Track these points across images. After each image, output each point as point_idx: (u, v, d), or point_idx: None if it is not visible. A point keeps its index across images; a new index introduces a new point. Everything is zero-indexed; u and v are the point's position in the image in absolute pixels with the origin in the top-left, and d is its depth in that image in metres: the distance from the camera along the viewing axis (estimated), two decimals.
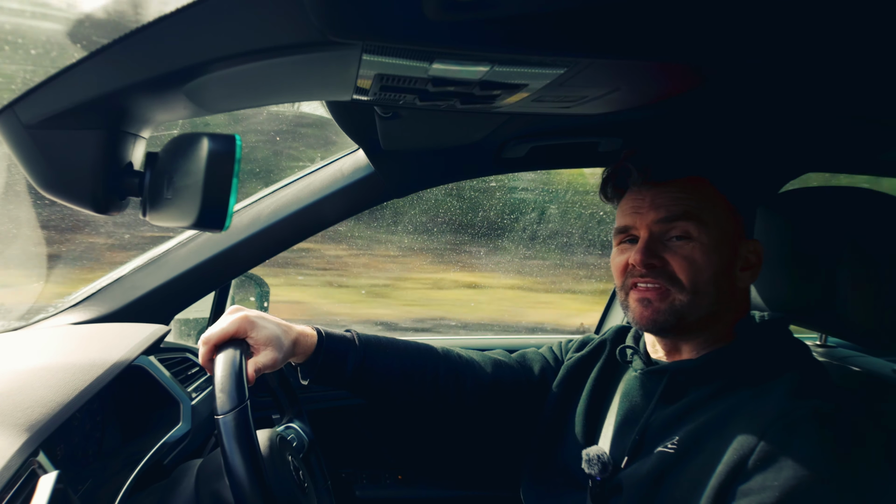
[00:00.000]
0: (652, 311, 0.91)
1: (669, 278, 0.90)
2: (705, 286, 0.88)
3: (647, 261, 0.90)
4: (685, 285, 0.89)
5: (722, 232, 0.90)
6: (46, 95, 0.58)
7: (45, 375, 0.86)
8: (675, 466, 0.83)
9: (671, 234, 0.90)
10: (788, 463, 0.73)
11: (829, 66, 0.72)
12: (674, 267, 0.89)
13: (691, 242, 0.89)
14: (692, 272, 0.88)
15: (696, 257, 0.88)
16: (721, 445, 0.80)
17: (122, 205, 0.67)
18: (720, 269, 0.89)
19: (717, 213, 0.90)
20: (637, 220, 0.93)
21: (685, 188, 0.91)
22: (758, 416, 0.79)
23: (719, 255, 0.89)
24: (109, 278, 1.35)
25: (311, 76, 0.70)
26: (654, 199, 0.92)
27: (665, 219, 0.90)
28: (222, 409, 0.77)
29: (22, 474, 0.68)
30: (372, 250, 3.59)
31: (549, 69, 0.67)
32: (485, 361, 1.16)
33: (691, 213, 0.89)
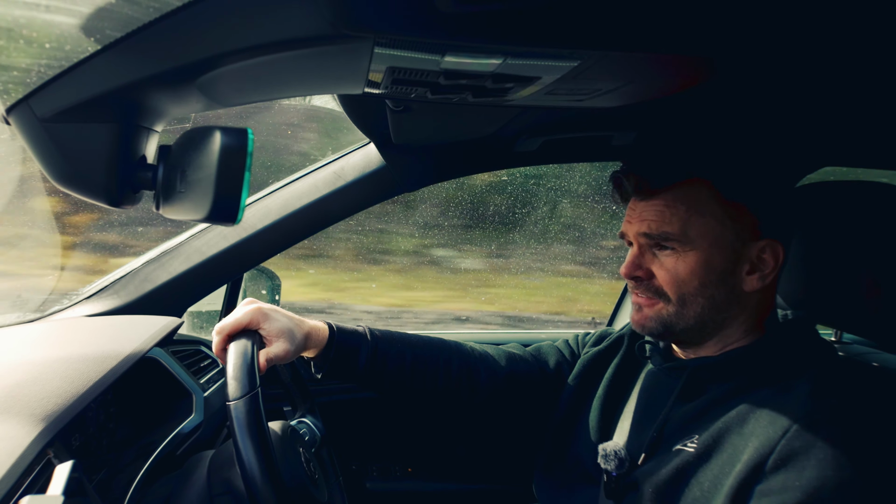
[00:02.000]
0: (641, 317, 0.94)
1: (656, 291, 0.91)
2: (693, 298, 0.89)
3: (631, 273, 0.93)
4: (671, 298, 0.90)
5: (714, 241, 0.88)
6: (61, 89, 0.59)
7: (61, 367, 0.87)
8: (694, 465, 0.82)
9: (658, 245, 0.91)
10: (811, 463, 0.72)
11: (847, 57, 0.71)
12: (659, 279, 0.91)
13: (676, 254, 0.89)
14: (676, 285, 0.89)
15: (680, 270, 0.88)
16: (741, 444, 0.79)
17: (136, 198, 0.67)
18: (711, 279, 0.88)
19: (707, 221, 0.88)
20: (628, 230, 0.95)
21: (672, 200, 0.89)
22: (779, 416, 0.77)
23: (708, 265, 0.88)
24: (123, 271, 1.36)
25: (323, 69, 0.70)
26: (643, 211, 0.92)
27: (649, 234, 0.91)
28: (233, 396, 0.78)
29: (38, 463, 0.69)
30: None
31: (563, 62, 0.66)
32: (498, 355, 1.15)
33: (673, 229, 0.88)
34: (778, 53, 0.67)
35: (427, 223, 3.77)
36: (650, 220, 0.90)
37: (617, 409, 1.03)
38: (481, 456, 1.78)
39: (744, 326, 0.92)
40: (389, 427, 1.76)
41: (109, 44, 0.56)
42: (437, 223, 3.76)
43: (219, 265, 1.35)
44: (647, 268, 0.92)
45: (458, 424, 1.77)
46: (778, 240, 0.89)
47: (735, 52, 0.65)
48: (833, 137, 1.16)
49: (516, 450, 1.76)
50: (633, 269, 0.92)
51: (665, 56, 0.66)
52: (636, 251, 0.93)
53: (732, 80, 0.82)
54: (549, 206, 3.71)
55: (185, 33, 0.57)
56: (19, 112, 0.60)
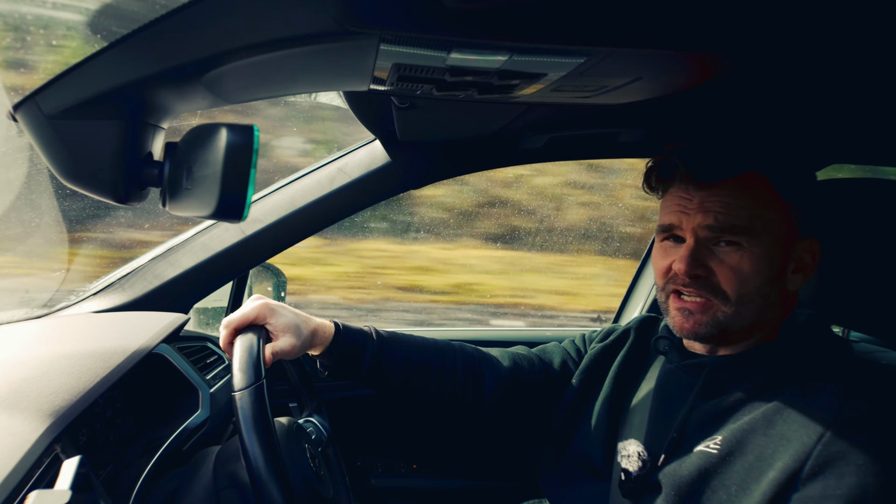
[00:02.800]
0: (693, 323, 0.87)
1: (713, 290, 0.85)
2: (751, 297, 0.84)
3: (692, 272, 0.85)
4: (730, 297, 0.84)
5: (775, 237, 0.84)
6: (67, 86, 0.59)
7: (68, 363, 0.87)
8: (718, 467, 0.80)
9: (719, 240, 0.85)
10: (851, 469, 0.70)
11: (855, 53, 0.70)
12: (719, 278, 0.84)
13: (740, 251, 0.83)
14: (739, 284, 0.83)
15: (745, 268, 0.83)
16: (769, 447, 0.77)
17: (142, 195, 0.68)
18: (770, 278, 0.84)
19: (770, 217, 0.84)
20: (683, 221, 0.87)
21: (738, 192, 0.84)
22: (810, 420, 0.75)
23: (770, 262, 0.84)
24: (130, 267, 1.37)
25: (329, 66, 0.70)
26: (704, 201, 0.85)
27: (713, 227, 0.84)
28: (239, 386, 0.79)
29: (46, 458, 0.69)
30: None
31: (569, 58, 0.66)
32: (503, 357, 1.15)
33: (742, 222, 0.83)
34: (787, 50, 0.67)
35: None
36: (716, 210, 0.84)
37: (625, 403, 1.02)
38: (486, 452, 1.78)
39: (773, 325, 0.89)
40: (395, 423, 1.77)
41: (116, 41, 0.57)
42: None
43: (225, 262, 1.35)
44: (706, 264, 0.85)
45: (464, 421, 1.77)
46: (816, 238, 0.87)
47: (744, 48, 0.65)
48: (840, 134, 1.15)
49: (522, 446, 1.76)
50: (693, 266, 0.84)
51: (673, 52, 0.66)
52: (693, 245, 0.85)
53: (741, 77, 0.81)
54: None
55: (191, 30, 0.57)
56: (26, 109, 0.60)
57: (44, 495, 0.56)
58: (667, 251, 0.91)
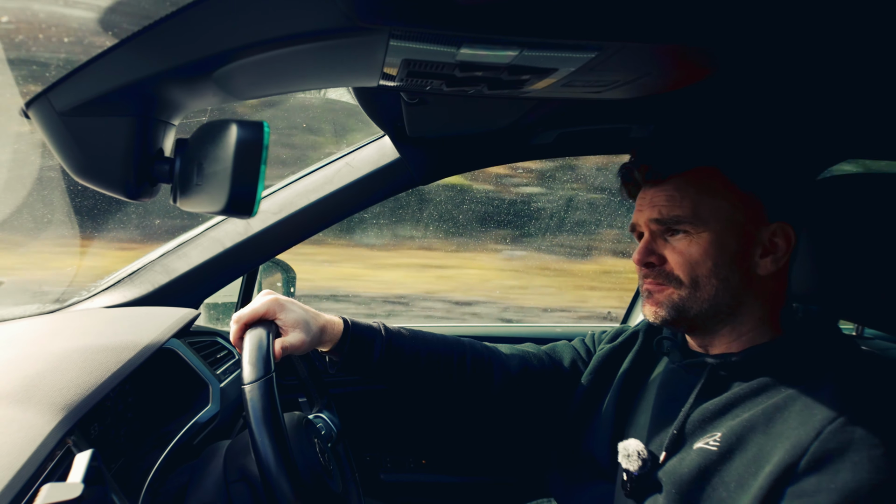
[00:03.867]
0: (654, 306, 0.93)
1: (667, 276, 0.91)
2: (706, 280, 0.88)
3: (643, 259, 0.93)
4: (683, 281, 0.90)
5: (727, 223, 0.88)
6: (79, 83, 0.59)
7: (80, 357, 0.88)
8: (717, 464, 0.81)
9: (668, 230, 0.91)
10: (846, 465, 0.71)
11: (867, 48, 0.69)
12: (671, 263, 0.91)
13: (689, 237, 0.89)
14: (689, 267, 0.89)
15: (693, 252, 0.89)
16: (768, 444, 0.78)
17: (153, 191, 0.68)
18: (725, 261, 0.88)
19: (719, 206, 0.88)
20: (639, 219, 0.95)
21: (682, 185, 0.90)
22: (809, 417, 0.76)
23: (721, 247, 0.88)
24: (140, 263, 1.38)
25: (338, 62, 0.70)
26: (653, 197, 0.93)
27: (658, 220, 0.91)
28: (248, 380, 0.80)
29: (58, 452, 0.70)
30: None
31: (580, 53, 0.65)
32: (512, 353, 1.15)
33: (684, 213, 0.89)
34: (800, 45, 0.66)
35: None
36: (661, 205, 0.91)
37: (632, 405, 1.02)
38: (495, 449, 1.78)
39: (758, 315, 0.90)
40: (404, 419, 1.77)
41: (127, 38, 0.57)
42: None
43: (235, 257, 1.36)
44: (659, 253, 0.92)
45: (472, 417, 1.77)
46: (789, 223, 0.89)
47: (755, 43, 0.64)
48: (854, 130, 1.14)
49: (530, 444, 1.76)
50: (645, 255, 0.93)
51: (684, 47, 0.65)
52: (648, 238, 0.94)
53: (752, 71, 0.80)
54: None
55: (201, 27, 0.58)
56: (38, 106, 0.60)
57: (56, 488, 0.56)
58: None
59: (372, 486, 1.73)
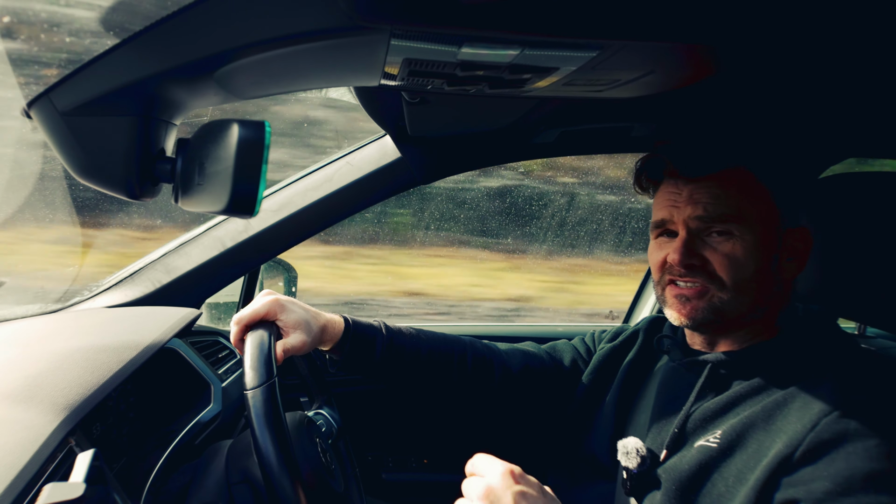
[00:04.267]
0: (690, 309, 0.88)
1: (709, 276, 0.87)
2: (748, 283, 0.86)
3: (686, 261, 0.87)
4: (726, 283, 0.86)
5: (765, 225, 0.86)
6: (81, 83, 0.59)
7: (82, 357, 0.88)
8: (717, 460, 0.81)
9: (711, 230, 0.87)
10: (841, 455, 0.71)
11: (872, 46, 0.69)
12: (714, 265, 0.86)
13: (732, 239, 0.85)
14: (734, 270, 0.85)
15: (739, 255, 0.85)
16: (767, 439, 0.78)
17: (155, 190, 0.68)
18: (764, 265, 0.86)
19: (759, 207, 0.86)
20: (674, 215, 0.90)
21: (725, 183, 0.86)
22: (807, 410, 0.76)
23: (763, 249, 0.86)
24: (142, 262, 1.38)
25: (340, 62, 0.70)
26: (693, 193, 0.88)
27: (704, 217, 0.87)
28: (251, 385, 0.79)
29: (60, 451, 0.70)
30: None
31: (582, 52, 0.65)
32: (513, 352, 1.15)
33: (731, 211, 0.85)
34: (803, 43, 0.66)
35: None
36: (705, 202, 0.86)
37: (632, 403, 1.02)
38: (496, 448, 1.78)
39: (769, 318, 0.90)
40: (406, 419, 1.77)
41: (129, 38, 0.57)
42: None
43: (236, 257, 1.36)
44: (700, 254, 0.87)
45: (474, 417, 1.77)
46: (807, 228, 0.88)
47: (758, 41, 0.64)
48: (856, 128, 1.13)
49: (531, 443, 1.76)
50: (688, 256, 0.87)
51: (687, 45, 0.65)
52: (685, 236, 0.88)
53: (757, 70, 0.80)
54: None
55: (202, 26, 0.57)
56: (40, 106, 0.60)
57: (58, 488, 0.56)
58: (661, 246, 0.94)
59: (374, 485, 1.73)
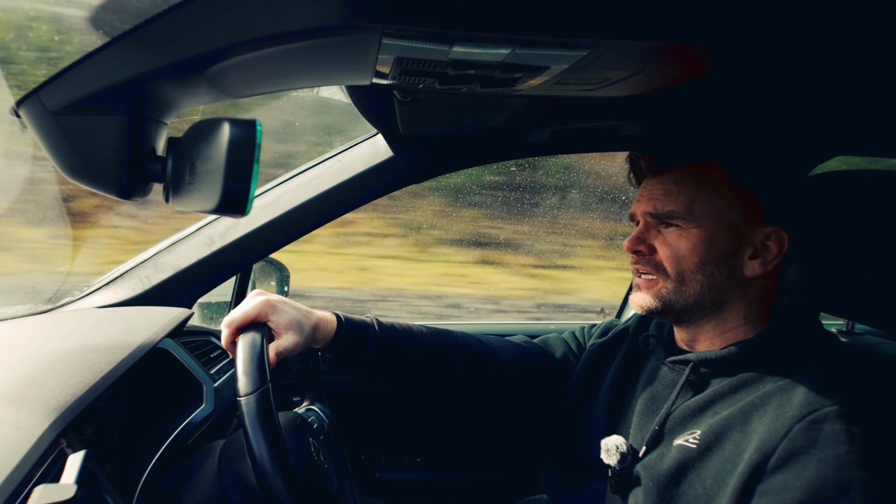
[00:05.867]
0: (642, 297, 0.94)
1: (656, 266, 0.92)
2: (692, 274, 0.89)
3: (632, 247, 0.94)
4: (670, 273, 0.91)
5: (719, 221, 0.88)
6: (70, 81, 0.59)
7: (72, 358, 0.88)
8: (696, 461, 0.82)
9: (661, 223, 0.92)
10: (812, 463, 0.71)
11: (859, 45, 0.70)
12: (660, 255, 0.92)
13: (679, 231, 0.90)
14: (676, 261, 0.90)
15: (682, 246, 0.89)
16: (744, 442, 0.78)
17: (146, 190, 0.68)
18: (711, 258, 0.88)
19: (714, 200, 0.88)
20: (636, 209, 0.96)
21: (681, 179, 0.90)
22: (782, 413, 0.77)
23: (710, 244, 0.88)
24: (133, 262, 1.37)
25: (331, 60, 0.70)
26: (652, 189, 0.93)
27: (652, 214, 0.92)
28: (244, 392, 0.78)
29: (51, 453, 0.70)
30: None
31: (573, 51, 0.65)
32: (505, 346, 1.16)
33: (679, 209, 0.89)
34: (790, 42, 0.66)
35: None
36: (657, 198, 0.91)
37: (622, 401, 1.03)
38: (489, 446, 1.78)
39: (742, 314, 0.91)
40: (399, 417, 1.77)
41: (118, 36, 0.56)
42: None
43: (228, 256, 1.35)
44: (649, 243, 0.93)
45: (466, 415, 1.78)
46: (784, 228, 0.89)
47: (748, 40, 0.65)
48: (844, 126, 1.14)
49: (524, 441, 1.76)
50: (635, 243, 0.94)
51: (676, 45, 0.65)
52: (641, 227, 0.95)
53: (744, 69, 0.81)
54: None
55: (193, 25, 0.57)
56: (29, 105, 0.60)
57: (50, 489, 0.56)
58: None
59: (367, 484, 1.73)
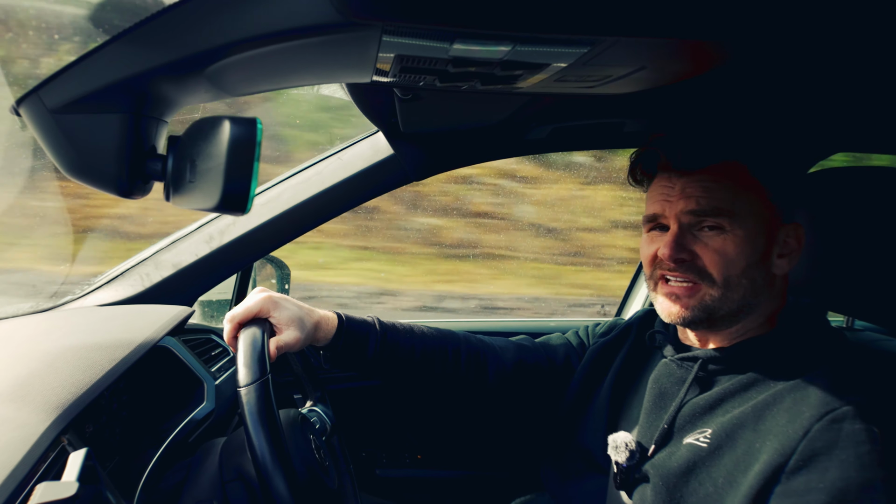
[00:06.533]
0: (681, 307, 0.88)
1: (699, 273, 0.86)
2: (738, 279, 0.85)
3: (676, 256, 0.86)
4: (716, 280, 0.85)
5: (757, 220, 0.85)
6: (70, 80, 0.59)
7: (74, 356, 0.88)
8: (706, 460, 0.81)
9: (702, 225, 0.86)
10: (834, 464, 0.70)
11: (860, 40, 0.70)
12: (704, 261, 0.86)
13: (723, 234, 0.85)
14: (724, 266, 0.84)
15: (729, 250, 0.84)
16: (756, 441, 0.77)
17: (146, 188, 0.68)
18: (755, 261, 0.85)
19: (752, 201, 0.85)
20: (666, 209, 0.89)
21: (718, 177, 0.85)
22: (798, 413, 0.76)
23: (754, 245, 0.85)
24: (134, 260, 1.37)
25: (331, 58, 0.70)
26: (685, 187, 0.87)
27: (696, 211, 0.86)
28: (244, 382, 0.79)
29: (53, 451, 0.70)
30: None
31: (573, 48, 0.65)
32: (507, 346, 1.15)
33: (724, 205, 0.84)
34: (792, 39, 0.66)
35: None
36: (698, 195, 0.85)
37: (625, 398, 1.02)
38: (490, 443, 1.78)
39: (766, 313, 0.90)
40: (400, 415, 1.77)
41: (118, 34, 0.56)
42: None
43: (229, 254, 1.35)
44: (690, 249, 0.86)
45: (468, 412, 1.78)
46: (800, 223, 0.88)
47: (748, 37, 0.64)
48: (846, 123, 1.14)
49: (525, 438, 1.76)
50: (678, 250, 0.86)
51: (678, 41, 0.65)
52: (677, 231, 0.87)
53: (746, 65, 0.80)
54: None
55: (193, 23, 0.57)
56: (29, 103, 0.60)
57: (51, 487, 0.56)
58: (653, 240, 0.93)
59: (368, 481, 1.73)
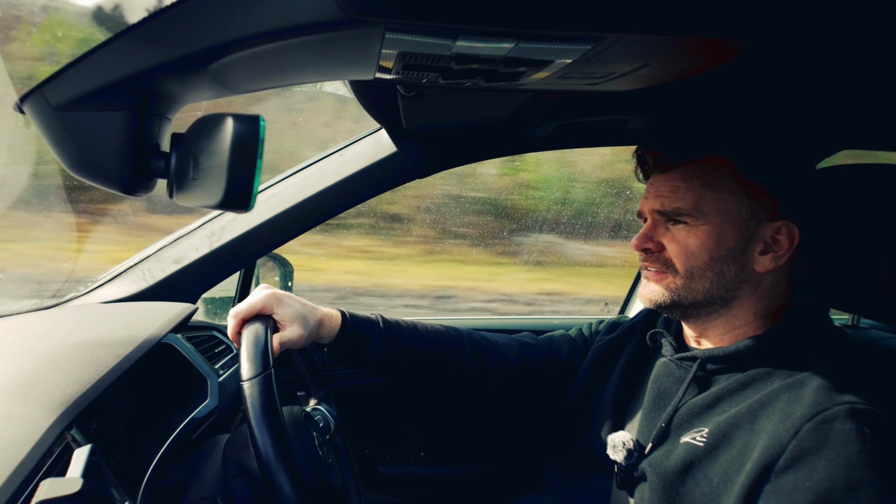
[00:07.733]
0: (649, 291, 0.94)
1: (665, 263, 0.92)
2: (701, 271, 0.89)
3: (640, 245, 0.94)
4: (679, 270, 0.90)
5: (728, 215, 0.87)
6: (73, 77, 0.59)
7: (78, 353, 0.88)
8: (703, 459, 0.82)
9: (670, 219, 0.92)
10: (822, 463, 0.71)
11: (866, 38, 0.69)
12: (669, 252, 0.91)
13: (688, 228, 0.90)
14: (685, 258, 0.90)
15: (691, 244, 0.89)
16: (752, 440, 0.78)
17: (149, 186, 0.68)
18: (721, 255, 0.88)
19: (722, 197, 0.87)
20: (644, 206, 0.96)
21: (689, 174, 0.90)
22: (791, 412, 0.76)
23: (719, 240, 0.88)
24: (138, 257, 1.37)
25: (335, 55, 0.70)
26: (659, 186, 0.93)
27: (660, 211, 0.92)
28: (247, 376, 0.80)
29: (57, 447, 0.70)
30: None
31: (576, 45, 0.65)
32: (510, 344, 1.15)
33: (685, 205, 0.89)
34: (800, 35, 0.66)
35: None
36: (664, 196, 0.91)
37: (630, 398, 1.03)
38: (494, 441, 1.79)
39: (753, 309, 0.90)
40: (403, 411, 1.78)
41: (122, 31, 0.56)
42: None
43: (232, 252, 1.35)
44: (658, 241, 0.93)
45: (471, 409, 1.78)
46: (795, 222, 0.88)
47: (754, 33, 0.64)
48: (851, 120, 1.14)
49: (529, 436, 1.76)
50: (643, 241, 0.93)
51: (683, 38, 0.65)
52: (649, 224, 0.94)
53: (751, 62, 0.80)
54: None
55: (196, 20, 0.57)
56: (33, 101, 0.60)
57: (56, 483, 0.56)
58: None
59: (371, 478, 1.73)
